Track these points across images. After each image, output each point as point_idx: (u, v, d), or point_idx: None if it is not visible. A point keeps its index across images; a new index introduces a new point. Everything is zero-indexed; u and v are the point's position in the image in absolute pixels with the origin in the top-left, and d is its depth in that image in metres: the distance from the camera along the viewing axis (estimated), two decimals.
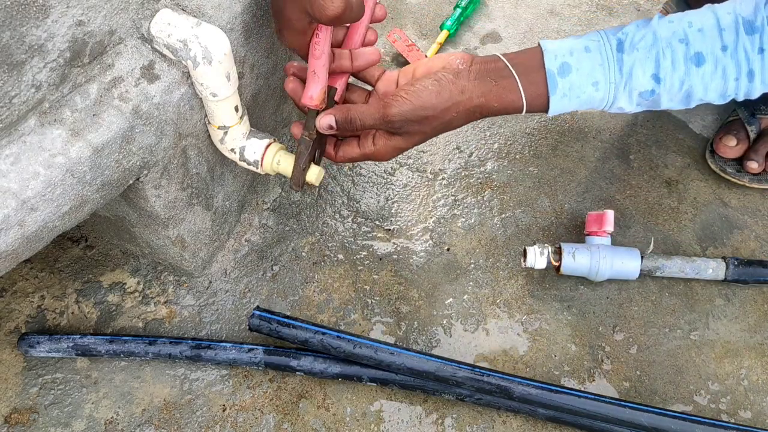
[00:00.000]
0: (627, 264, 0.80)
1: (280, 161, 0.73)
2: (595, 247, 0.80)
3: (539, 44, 0.65)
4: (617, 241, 0.87)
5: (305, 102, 0.67)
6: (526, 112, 0.66)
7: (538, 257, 0.80)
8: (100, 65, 0.61)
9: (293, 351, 0.77)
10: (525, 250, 0.81)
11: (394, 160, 0.95)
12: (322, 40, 0.66)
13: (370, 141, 0.69)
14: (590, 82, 0.64)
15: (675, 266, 0.81)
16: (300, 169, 0.70)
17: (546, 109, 0.66)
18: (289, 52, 0.83)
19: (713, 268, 0.81)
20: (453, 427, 0.76)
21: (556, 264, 0.80)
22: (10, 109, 0.55)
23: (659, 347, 0.81)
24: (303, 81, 0.70)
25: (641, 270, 0.81)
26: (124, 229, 0.80)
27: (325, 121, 0.66)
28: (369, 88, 0.74)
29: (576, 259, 0.80)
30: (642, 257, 0.81)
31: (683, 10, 0.98)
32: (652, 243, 0.84)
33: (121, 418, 0.77)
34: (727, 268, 0.81)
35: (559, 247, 0.80)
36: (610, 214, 0.80)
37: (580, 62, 0.64)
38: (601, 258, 0.79)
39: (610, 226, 0.80)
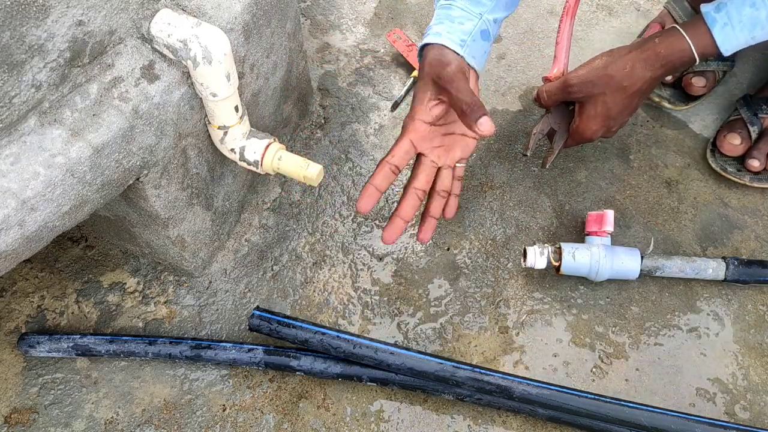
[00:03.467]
0: (627, 264, 0.80)
1: (280, 161, 0.73)
2: (595, 247, 0.80)
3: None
4: (617, 241, 0.87)
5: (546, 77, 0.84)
6: (699, 55, 0.73)
7: (538, 257, 0.80)
8: (100, 65, 0.61)
9: (293, 351, 0.77)
10: (525, 250, 0.81)
11: None
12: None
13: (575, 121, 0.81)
14: (747, 4, 0.69)
15: (675, 266, 0.81)
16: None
17: (716, 48, 0.72)
18: (287, 51, 0.83)
19: (713, 268, 0.81)
20: (453, 427, 0.76)
21: (556, 264, 0.80)
22: (10, 109, 0.55)
23: (659, 347, 0.81)
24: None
25: (641, 270, 0.81)
26: (124, 229, 0.80)
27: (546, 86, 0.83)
28: None
29: (576, 259, 0.80)
30: (642, 257, 0.81)
31: (684, 10, 0.99)
32: (652, 243, 0.84)
33: (121, 418, 0.77)
34: (727, 268, 0.81)
35: (559, 247, 0.80)
36: (610, 214, 0.80)
37: None
38: (601, 258, 0.79)
39: (610, 226, 0.80)
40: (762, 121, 0.92)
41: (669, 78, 0.98)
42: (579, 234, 0.88)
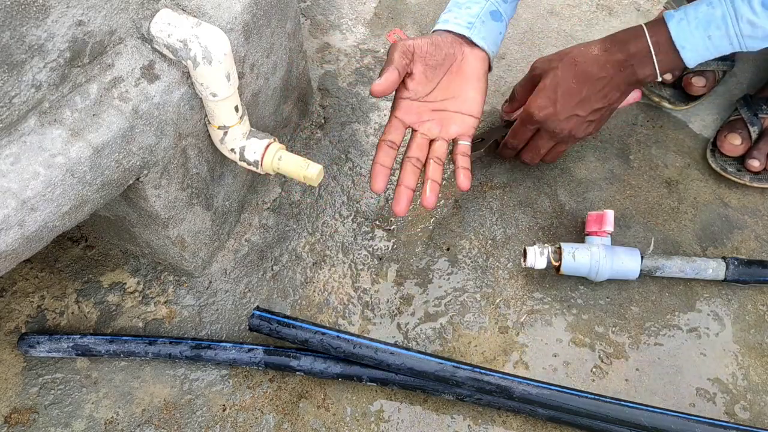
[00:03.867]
0: (627, 264, 0.80)
1: (280, 161, 0.73)
2: (595, 247, 0.80)
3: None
4: (617, 241, 0.87)
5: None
6: (653, 44, 0.72)
7: (538, 257, 0.80)
8: (100, 65, 0.61)
9: (293, 351, 0.77)
10: (525, 250, 0.81)
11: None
12: None
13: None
14: (705, 3, 0.69)
15: (675, 266, 0.81)
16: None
17: (672, 44, 0.71)
18: (287, 51, 0.83)
19: (713, 268, 0.81)
20: (453, 427, 0.76)
21: (556, 264, 0.80)
22: (10, 109, 0.55)
23: (659, 347, 0.81)
24: None
25: (641, 270, 0.81)
26: (124, 229, 0.80)
27: (504, 106, 0.91)
28: None
29: (576, 259, 0.80)
30: (642, 257, 0.81)
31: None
32: (652, 243, 0.84)
33: (121, 418, 0.77)
34: (727, 268, 0.81)
35: (559, 247, 0.80)
36: (610, 214, 0.80)
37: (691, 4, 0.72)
38: (601, 258, 0.79)
39: (610, 226, 0.80)
40: (762, 121, 0.92)
41: (669, 77, 0.98)
42: (579, 234, 0.88)
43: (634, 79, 0.75)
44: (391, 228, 0.90)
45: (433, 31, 0.79)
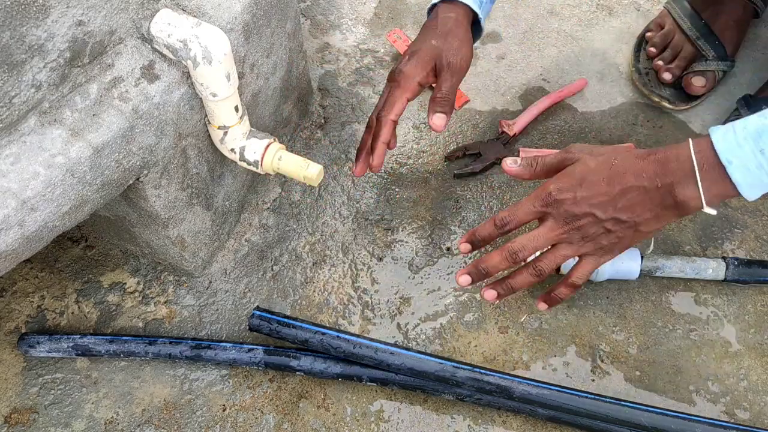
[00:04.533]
0: (627, 264, 0.80)
1: (280, 161, 0.73)
2: None
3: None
4: None
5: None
6: (696, 153, 0.59)
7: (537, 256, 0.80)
8: (100, 65, 0.62)
9: (293, 351, 0.77)
10: None
11: (394, 160, 0.95)
12: None
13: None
14: (756, 114, 0.58)
15: (675, 266, 0.81)
16: None
17: (720, 164, 0.58)
18: (287, 51, 0.83)
19: (713, 268, 0.81)
20: (453, 427, 0.76)
21: None
22: (10, 109, 0.55)
23: (659, 347, 0.81)
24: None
25: (641, 270, 0.81)
26: (124, 229, 0.80)
27: (512, 166, 0.69)
28: None
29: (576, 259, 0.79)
30: (642, 257, 0.81)
31: (684, 10, 0.99)
32: (652, 243, 0.84)
33: (121, 418, 0.77)
34: (727, 268, 0.81)
35: None
36: None
37: None
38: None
39: None
40: None
41: (669, 77, 0.98)
42: None
43: (672, 200, 0.60)
44: (391, 228, 0.90)
45: (440, 1, 0.80)
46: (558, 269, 0.80)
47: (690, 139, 0.60)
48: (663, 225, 0.63)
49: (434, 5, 0.81)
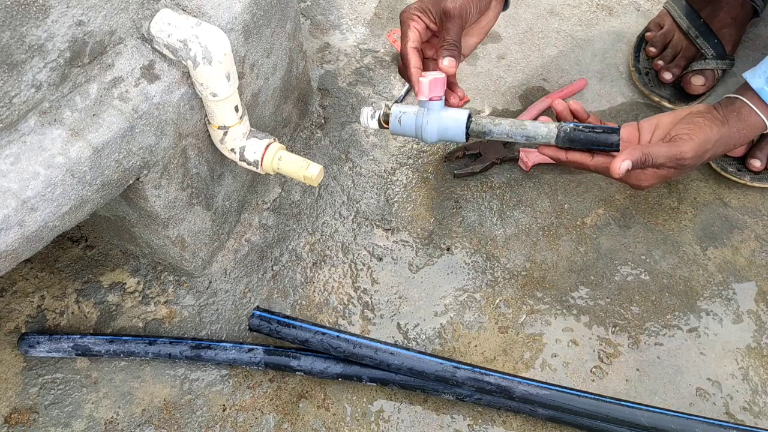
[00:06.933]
0: (451, 127, 0.77)
1: (280, 161, 0.73)
2: (422, 110, 0.77)
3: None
4: (617, 240, 0.87)
5: None
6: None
7: (369, 119, 0.80)
8: (100, 65, 0.62)
9: (293, 351, 0.77)
10: (361, 110, 0.81)
11: (394, 160, 0.95)
12: None
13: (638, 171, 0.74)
14: None
15: (503, 131, 0.78)
16: None
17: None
18: (287, 51, 0.83)
19: (543, 135, 0.77)
20: (453, 427, 0.76)
21: (386, 126, 0.80)
22: (10, 109, 0.55)
23: (659, 347, 0.81)
24: None
25: (467, 132, 0.77)
26: (124, 229, 0.80)
27: (624, 165, 0.71)
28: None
29: (402, 123, 0.78)
30: (470, 118, 0.78)
31: (683, 9, 0.99)
32: (486, 107, 0.82)
33: (121, 418, 0.77)
34: (557, 135, 0.76)
35: (390, 109, 0.79)
36: (441, 77, 0.76)
37: None
38: (426, 119, 0.76)
39: (440, 91, 0.77)
40: None
41: (669, 77, 0.98)
42: (580, 233, 0.88)
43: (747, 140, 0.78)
44: (391, 228, 0.90)
45: None
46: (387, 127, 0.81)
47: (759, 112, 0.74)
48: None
49: None
